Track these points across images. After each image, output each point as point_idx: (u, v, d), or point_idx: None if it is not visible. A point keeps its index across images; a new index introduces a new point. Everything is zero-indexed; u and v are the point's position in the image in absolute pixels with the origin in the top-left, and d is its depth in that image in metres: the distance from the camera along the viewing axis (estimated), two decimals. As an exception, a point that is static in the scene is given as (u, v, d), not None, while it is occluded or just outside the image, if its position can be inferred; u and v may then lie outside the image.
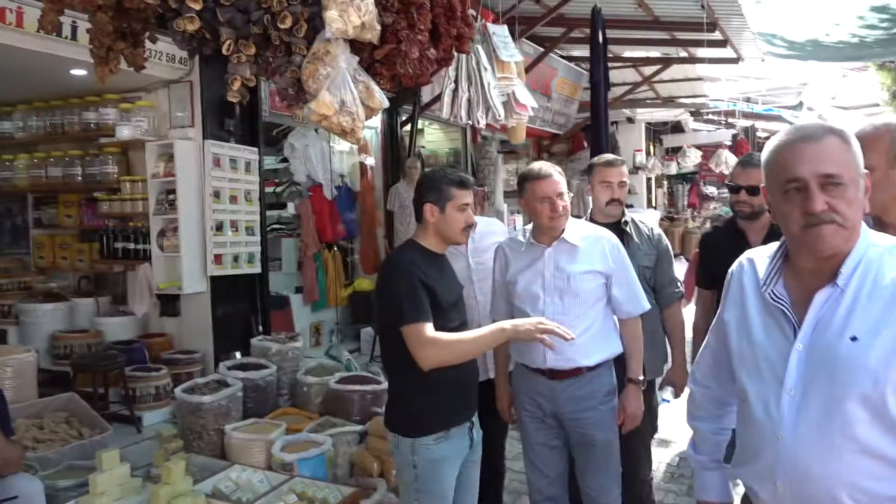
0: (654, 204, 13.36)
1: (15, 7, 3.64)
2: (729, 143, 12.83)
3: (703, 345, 1.80)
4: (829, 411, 1.40)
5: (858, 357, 1.37)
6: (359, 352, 6.31)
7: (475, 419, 2.69)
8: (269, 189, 6.58)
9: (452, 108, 3.89)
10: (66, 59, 4.00)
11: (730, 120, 12.57)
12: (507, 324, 2.45)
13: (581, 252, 2.82)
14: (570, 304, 2.79)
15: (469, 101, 3.87)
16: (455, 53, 2.81)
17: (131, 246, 4.88)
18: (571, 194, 3.39)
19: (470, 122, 4.03)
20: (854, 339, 1.38)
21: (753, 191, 2.88)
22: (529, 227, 2.98)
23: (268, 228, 6.55)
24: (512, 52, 4.22)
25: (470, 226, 2.63)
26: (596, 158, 3.44)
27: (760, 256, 1.60)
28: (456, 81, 3.88)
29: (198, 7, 2.09)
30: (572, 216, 2.98)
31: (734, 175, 3.04)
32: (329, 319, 6.44)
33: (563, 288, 2.80)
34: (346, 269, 6.65)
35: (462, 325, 2.62)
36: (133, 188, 4.87)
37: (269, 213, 6.72)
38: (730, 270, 1.67)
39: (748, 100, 11.77)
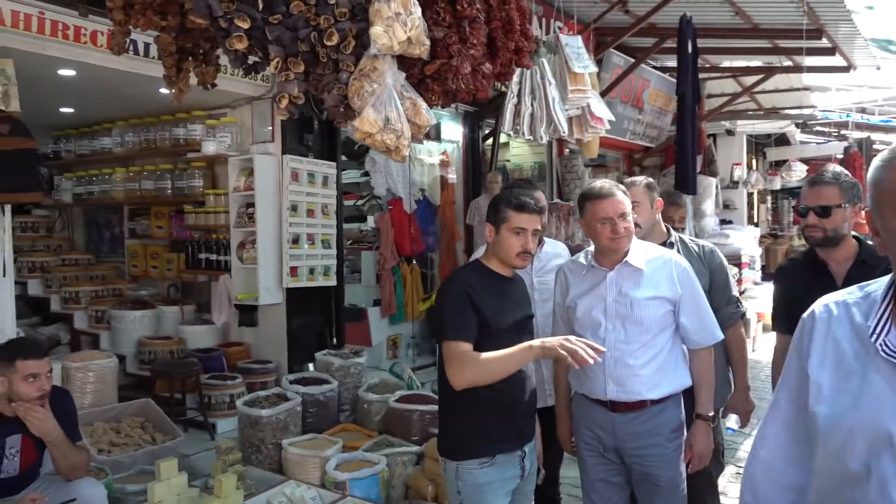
0: (755, 220, 12.65)
1: (105, 30, 3.84)
2: (840, 157, 11.99)
3: (770, 413, 1.38)
4: None
5: None
6: (434, 366, 6.28)
7: (528, 449, 2.56)
8: (350, 202, 6.70)
9: (514, 122, 3.78)
10: (153, 78, 4.18)
11: (842, 132, 11.74)
12: (536, 341, 2.32)
13: (646, 276, 2.64)
14: (633, 332, 2.61)
15: (532, 115, 3.75)
16: (515, 68, 2.71)
17: (214, 257, 5.05)
18: (658, 212, 3.18)
19: (531, 138, 3.90)
20: None
21: (825, 212, 2.54)
22: (592, 248, 2.82)
23: (348, 242, 6.69)
24: (585, 63, 4.06)
25: (526, 252, 2.50)
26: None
27: (852, 299, 1.25)
28: (519, 95, 3.76)
29: (246, 26, 2.10)
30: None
31: (802, 195, 2.68)
32: (406, 333, 6.45)
33: (626, 314, 2.62)
34: (425, 283, 6.63)
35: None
36: (216, 201, 5.04)
37: (348, 225, 6.86)
38: (805, 316, 1.31)
39: (863, 110, 10.97)
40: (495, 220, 2.49)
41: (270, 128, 4.89)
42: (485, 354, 2.31)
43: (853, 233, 2.61)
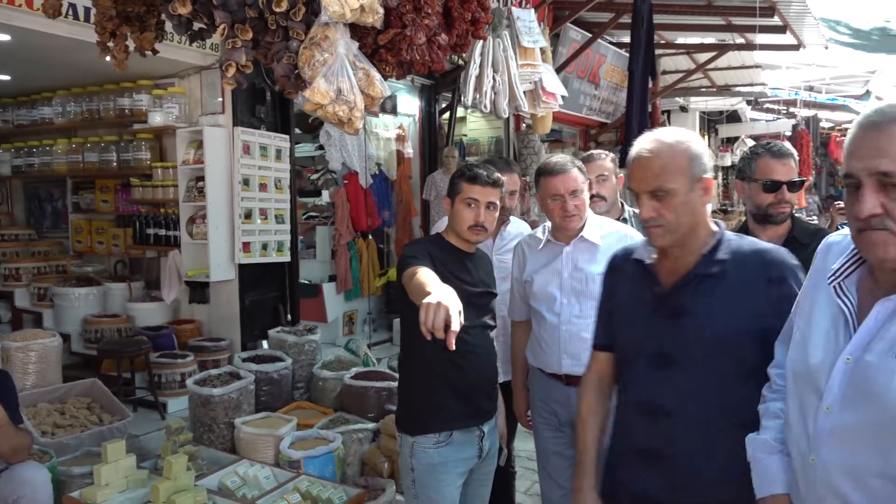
0: (707, 196, 12.89)
1: (42, -8, 3.64)
2: (789, 134, 12.27)
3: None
4: (863, 441, 1.19)
5: None
6: (391, 342, 6.25)
7: (487, 428, 2.54)
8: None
9: (475, 95, 3.72)
10: (95, 45, 3.99)
11: (791, 109, 12.00)
12: (432, 296, 1.88)
13: (602, 251, 2.63)
14: (588, 307, 2.61)
15: (494, 89, 3.69)
16: (472, 39, 2.65)
17: (163, 232, 4.90)
18: (619, 186, 3.18)
19: (487, 111, 3.86)
20: None
21: (797, 186, 2.37)
22: (549, 223, 2.81)
23: (303, 216, 6.57)
24: (536, 37, 4.00)
25: (478, 224, 2.45)
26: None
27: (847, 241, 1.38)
28: (481, 67, 3.70)
29: (189, -11, 1.99)
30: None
31: (766, 168, 2.39)
32: (362, 309, 6.40)
33: (581, 290, 2.62)
34: (381, 259, 6.58)
35: (482, 327, 2.49)
36: (164, 174, 4.88)
37: (304, 199, 6.74)
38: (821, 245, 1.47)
39: (811, 89, 11.21)
40: (451, 192, 2.48)
41: (220, 99, 4.73)
42: (421, 276, 2.06)
43: None
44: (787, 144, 2.57)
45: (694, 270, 1.70)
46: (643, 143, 1.73)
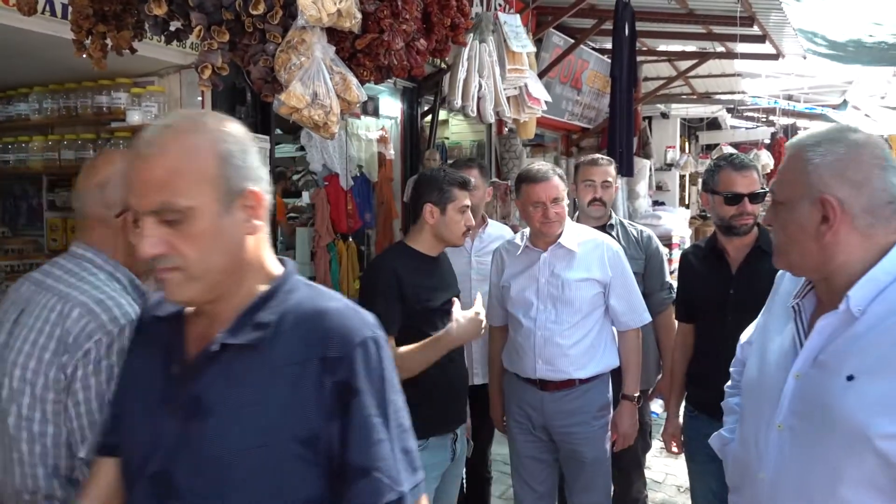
0: (686, 202, 13.01)
1: (17, -12, 3.59)
2: (768, 142, 12.42)
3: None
4: (812, 459, 1.20)
5: (849, 400, 1.16)
6: (370, 345, 6.23)
7: (460, 431, 2.57)
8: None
9: (463, 98, 3.71)
10: (70, 42, 3.96)
11: (770, 118, 12.15)
12: (441, 333, 2.29)
13: (578, 258, 2.68)
14: (563, 313, 2.66)
15: (480, 94, 3.70)
16: (451, 44, 2.66)
17: (140, 231, 4.84)
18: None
19: (474, 115, 3.87)
20: (850, 378, 1.17)
21: (758, 198, 2.41)
22: (528, 230, 2.84)
23: (287, 218, 6.53)
24: (524, 42, 4.03)
25: (469, 228, 2.53)
26: (582, 158, 3.27)
27: None
28: (468, 72, 3.70)
29: (165, -11, 1.98)
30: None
31: (728, 181, 2.44)
32: (341, 311, 6.37)
33: (557, 295, 2.66)
34: (361, 261, 6.56)
35: None
36: (142, 174, 4.83)
37: (288, 200, 6.70)
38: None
39: (790, 98, 11.35)
40: (440, 199, 2.44)
41: (200, 98, 4.70)
42: (406, 350, 2.26)
43: None
44: (750, 156, 2.61)
45: (218, 339, 1.14)
46: (146, 133, 1.15)
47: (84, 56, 2.50)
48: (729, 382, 1.64)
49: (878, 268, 1.21)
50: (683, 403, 2.76)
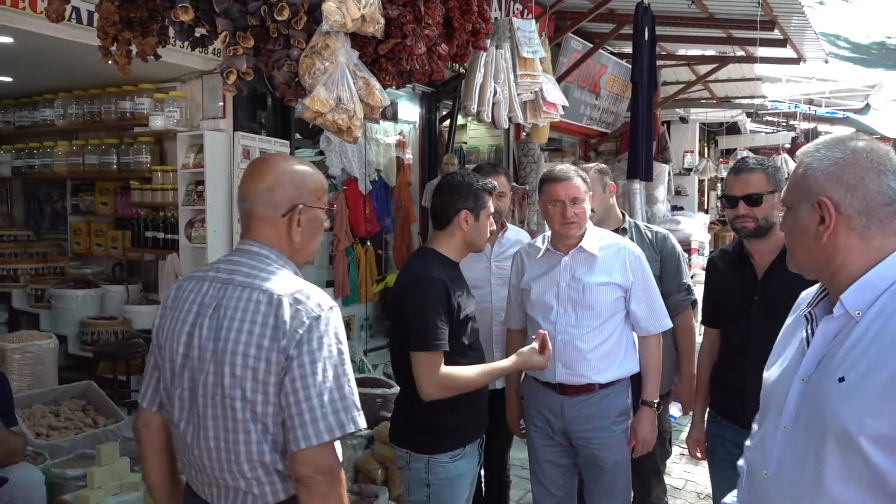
0: (705, 207, 12.93)
1: (45, -5, 3.66)
2: (788, 146, 12.31)
3: None
4: (806, 457, 1.26)
5: (838, 400, 1.21)
6: (387, 348, 6.23)
7: (484, 434, 2.59)
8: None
9: (479, 104, 3.72)
10: (95, 48, 4.02)
11: (790, 122, 12.04)
12: (507, 362, 2.46)
13: (599, 262, 2.67)
14: (583, 317, 2.65)
15: (495, 100, 3.71)
16: (472, 49, 2.67)
17: (161, 235, 4.90)
18: (612, 196, 3.19)
19: (488, 121, 3.88)
20: (842, 379, 1.21)
21: (755, 200, 2.40)
22: (549, 233, 2.84)
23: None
24: (535, 47, 4.01)
25: (491, 234, 2.57)
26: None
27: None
28: (485, 77, 3.71)
29: (191, -4, 2.01)
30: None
31: (728, 185, 2.50)
32: (359, 315, 6.39)
33: (578, 299, 2.65)
34: (379, 265, 6.58)
35: (476, 341, 2.49)
36: (164, 178, 4.89)
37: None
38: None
39: (811, 102, 11.25)
40: (475, 206, 2.43)
41: (222, 103, 4.74)
42: (463, 374, 2.31)
43: None
44: (757, 159, 2.57)
45: None
46: None
47: (109, 62, 2.52)
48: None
49: (873, 272, 1.25)
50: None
